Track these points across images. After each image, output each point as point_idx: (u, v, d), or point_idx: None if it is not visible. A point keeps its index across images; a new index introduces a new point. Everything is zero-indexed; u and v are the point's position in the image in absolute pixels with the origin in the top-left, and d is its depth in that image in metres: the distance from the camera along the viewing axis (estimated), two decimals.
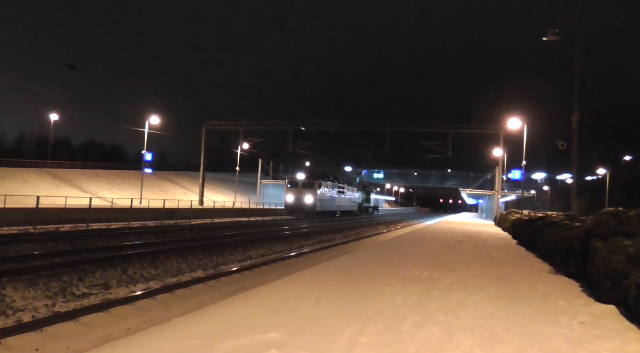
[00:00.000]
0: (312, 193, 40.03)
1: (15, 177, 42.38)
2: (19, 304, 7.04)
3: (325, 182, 42.27)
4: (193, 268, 11.36)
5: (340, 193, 47.36)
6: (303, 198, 40.01)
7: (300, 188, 40.42)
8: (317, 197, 40.11)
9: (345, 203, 49.62)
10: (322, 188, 41.07)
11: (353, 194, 53.61)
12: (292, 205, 40.46)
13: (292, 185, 41.21)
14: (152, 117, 37.58)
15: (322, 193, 41.19)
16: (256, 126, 47.41)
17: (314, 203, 39.94)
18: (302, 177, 41.88)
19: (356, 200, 55.21)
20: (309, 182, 40.74)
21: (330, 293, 6.26)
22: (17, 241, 13.53)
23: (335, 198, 45.39)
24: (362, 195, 59.51)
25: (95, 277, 9.36)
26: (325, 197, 42.20)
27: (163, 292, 8.40)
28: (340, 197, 47.65)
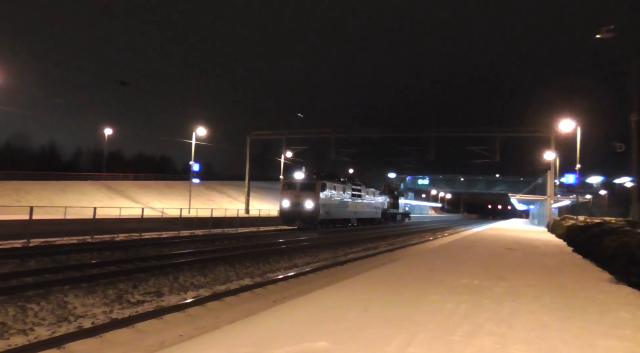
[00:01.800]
0: (313, 196, 31.69)
1: (74, 189, 44.75)
2: (80, 311, 7.39)
3: (331, 183, 34.02)
4: (241, 276, 11.55)
5: (355, 197, 39.20)
6: (302, 203, 31.61)
7: (299, 191, 32.06)
8: (319, 201, 31.72)
9: (362, 209, 41.14)
10: (326, 191, 32.75)
11: (374, 198, 44.87)
12: (288, 211, 31.98)
13: (288, 187, 33.01)
14: (199, 128, 38.78)
15: (328, 196, 32.98)
16: (299, 134, 47.87)
17: (314, 209, 31.52)
18: (301, 177, 33.12)
19: (379, 206, 46.32)
20: (309, 183, 32.37)
21: (377, 302, 6.19)
22: (76, 250, 14.24)
23: (347, 203, 37.25)
24: (388, 200, 50.58)
25: (149, 284, 9.70)
26: (333, 201, 34.04)
27: (212, 300, 8.59)
28: (356, 202, 39.37)
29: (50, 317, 6.94)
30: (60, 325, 6.58)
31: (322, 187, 32.22)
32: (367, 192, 42.63)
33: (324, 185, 32.39)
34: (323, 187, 32.31)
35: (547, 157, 40.15)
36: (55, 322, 6.70)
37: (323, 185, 32.34)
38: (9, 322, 6.52)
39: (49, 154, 77.16)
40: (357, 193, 39.66)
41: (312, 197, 31.73)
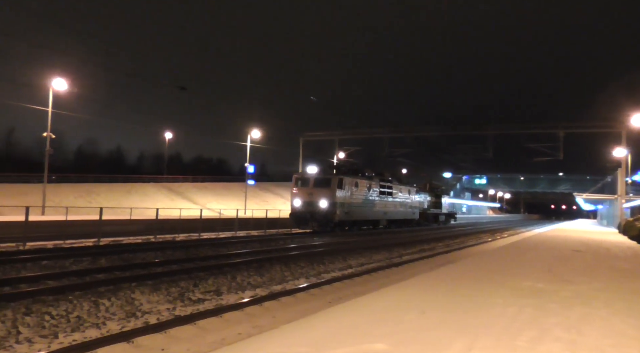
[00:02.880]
0: (328, 194, 26.83)
1: (138, 191, 47.15)
2: (146, 307, 7.76)
3: (352, 178, 29.02)
4: (296, 276, 11.68)
5: (385, 194, 33.65)
6: (316, 202, 26.79)
7: (312, 188, 27.24)
8: (336, 199, 26.85)
9: (394, 208, 35.46)
10: (346, 187, 27.93)
11: (410, 197, 39.07)
12: (300, 212, 27.26)
13: (300, 183, 28.12)
14: (254, 131, 39.68)
15: (348, 194, 28.16)
16: (351, 135, 47.82)
17: (330, 208, 26.64)
18: (314, 172, 27.98)
19: (416, 205, 40.61)
20: (323, 178, 27.48)
21: (435, 304, 6.06)
22: (141, 249, 14.97)
23: (374, 202, 31.90)
24: (429, 199, 44.97)
25: (208, 283, 10.02)
26: (354, 199, 29.05)
27: (269, 300, 8.74)
28: (385, 201, 33.86)
29: (120, 312, 7.34)
30: (128, 320, 6.94)
31: (340, 182, 27.33)
32: (400, 189, 36.86)
33: (341, 180, 27.47)
34: (341, 183, 27.40)
35: (618, 154, 37.65)
36: (124, 317, 7.08)
37: (340, 180, 27.39)
38: (84, 316, 6.95)
39: (116, 157, 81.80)
40: (387, 191, 34.19)
41: (328, 195, 26.79)
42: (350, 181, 28.53)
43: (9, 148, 71.38)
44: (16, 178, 42.93)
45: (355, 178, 29.52)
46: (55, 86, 28.29)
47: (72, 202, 34.89)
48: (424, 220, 43.41)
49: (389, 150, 45.08)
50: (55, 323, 6.52)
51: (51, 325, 6.46)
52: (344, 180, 27.83)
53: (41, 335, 6.05)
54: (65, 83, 28.59)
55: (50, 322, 6.58)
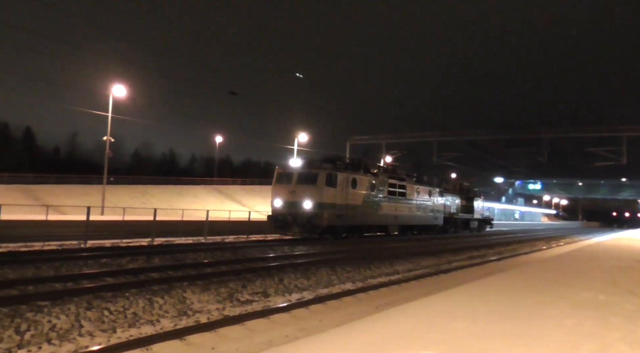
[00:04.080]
0: (314, 192, 21.32)
1: (189, 193, 48.73)
2: (197, 306, 7.99)
3: (348, 174, 23.03)
4: (342, 280, 11.67)
5: (395, 195, 27.40)
6: (299, 203, 21.40)
7: (295, 185, 21.82)
8: (324, 199, 21.33)
9: (409, 212, 29.36)
10: (339, 184, 22.22)
11: (432, 199, 32.65)
12: (280, 213, 21.88)
13: (281, 179, 22.61)
14: (301, 134, 40.07)
15: (341, 192, 22.40)
16: (398, 139, 47.35)
17: (316, 210, 21.09)
18: (298, 165, 22.62)
19: (439, 209, 33.93)
20: (309, 173, 21.83)
21: (487, 313, 5.87)
22: (192, 250, 15.44)
23: (379, 203, 25.73)
24: (458, 201, 38.39)
25: (256, 285, 10.19)
26: (352, 200, 23.12)
27: (316, 303, 8.78)
28: (398, 202, 27.69)
29: (172, 310, 7.60)
30: (180, 318, 7.18)
31: (329, 178, 21.66)
32: (417, 190, 30.52)
33: (331, 176, 21.72)
34: (330, 179, 21.72)
35: None
36: (176, 315, 7.32)
37: (330, 176, 21.67)
38: (139, 313, 7.26)
39: (169, 160, 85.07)
40: (399, 190, 28.06)
41: (313, 193, 21.23)
42: (344, 177, 22.64)
43: (72, 151, 75.86)
44: (78, 180, 45.45)
45: (352, 173, 23.48)
46: (115, 92, 29.78)
47: (128, 203, 36.55)
48: (451, 226, 36.86)
49: (438, 154, 44.23)
50: (114, 319, 6.85)
51: (110, 320, 6.79)
52: (335, 175, 22.02)
53: (101, 329, 6.36)
54: (124, 89, 30.03)
55: (109, 317, 6.91)
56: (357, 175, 23.96)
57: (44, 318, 6.55)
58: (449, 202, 36.47)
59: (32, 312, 6.73)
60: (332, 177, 21.98)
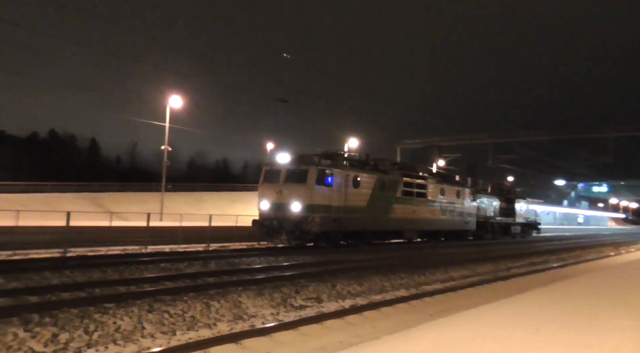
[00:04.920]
0: (303, 192, 18.22)
1: (242, 199, 49.82)
2: (251, 311, 8.14)
3: (347, 172, 19.88)
4: (395, 286, 11.51)
5: (412, 195, 23.53)
6: (286, 205, 18.40)
7: (282, 184, 18.83)
8: (315, 200, 18.19)
9: (431, 215, 25.13)
10: (335, 183, 19.03)
11: (461, 200, 28.09)
12: (267, 217, 18.94)
13: (269, 177, 19.56)
14: (350, 139, 40.04)
15: (338, 192, 19.13)
16: (451, 142, 46.22)
17: (306, 213, 18.01)
18: (286, 161, 19.31)
19: (470, 212, 29.39)
20: (298, 170, 18.83)
21: (551, 323, 5.58)
22: (246, 255, 15.77)
23: (391, 206, 22.07)
24: (495, 204, 33.89)
25: (309, 290, 10.24)
26: (353, 201, 19.82)
27: (369, 309, 8.71)
28: (416, 204, 23.73)
29: (228, 314, 7.78)
30: (236, 322, 7.33)
31: (322, 175, 18.48)
32: (441, 189, 26.20)
33: (323, 173, 18.56)
34: (323, 176, 18.52)
35: None
36: (232, 319, 7.49)
37: (322, 173, 18.52)
38: (197, 316, 7.48)
39: (222, 167, 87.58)
40: (417, 190, 23.97)
41: (302, 193, 18.15)
42: (343, 175, 19.40)
43: (133, 160, 79.79)
44: (138, 188, 47.64)
45: (353, 170, 20.26)
46: (171, 103, 31.07)
47: (184, 209, 37.91)
48: (487, 231, 32.33)
49: (493, 156, 42.78)
50: (173, 322, 7.09)
51: (170, 322, 7.04)
52: (329, 172, 18.80)
53: (162, 331, 6.61)
54: (180, 100, 31.26)
55: (169, 320, 7.17)
56: (359, 173, 20.48)
57: (110, 319, 6.89)
58: (484, 205, 32.34)
59: (99, 314, 7.10)
60: (325, 175, 18.64)
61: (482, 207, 31.90)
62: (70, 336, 6.06)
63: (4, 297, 7.77)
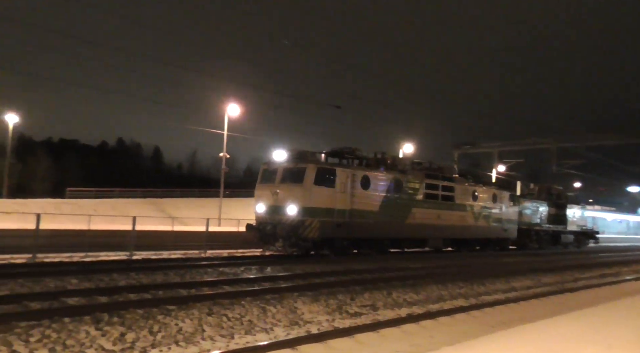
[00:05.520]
0: (299, 193, 16.17)
1: None
2: (307, 317, 8.19)
3: (353, 171, 17.58)
4: (454, 296, 11.19)
5: (437, 199, 21.16)
6: (282, 207, 16.37)
7: (279, 184, 16.80)
8: (313, 203, 16.08)
9: (460, 221, 22.36)
10: (338, 183, 16.75)
11: (498, 205, 25.06)
12: (263, 221, 16.99)
13: (267, 177, 17.59)
14: (405, 145, 39.52)
15: (343, 194, 16.89)
16: (512, 146, 44.42)
17: (302, 216, 15.91)
18: (282, 159, 17.20)
19: (510, 218, 26.03)
20: (295, 169, 16.65)
21: (624, 339, 5.21)
22: (302, 262, 15.90)
23: (409, 209, 19.74)
24: (542, 209, 30.44)
25: (364, 298, 10.16)
26: (361, 204, 17.56)
27: (426, 318, 8.52)
28: (441, 209, 21.33)
29: (285, 319, 7.87)
30: (292, 327, 7.40)
31: (321, 174, 16.31)
32: (473, 193, 23.23)
33: (323, 171, 16.41)
34: (323, 175, 16.35)
35: None
36: (288, 325, 7.57)
37: (321, 171, 16.35)
38: (254, 320, 7.63)
39: None
40: (442, 193, 21.37)
41: (298, 194, 16.10)
42: (348, 174, 17.10)
43: (193, 167, 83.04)
44: (197, 194, 49.42)
45: (360, 170, 18.05)
46: (229, 112, 32.07)
47: (241, 215, 38.87)
48: (531, 240, 28.94)
49: (558, 161, 40.68)
50: (232, 325, 7.27)
51: (228, 326, 7.22)
52: (331, 171, 16.65)
53: (221, 334, 6.79)
54: (238, 108, 32.22)
55: (228, 323, 7.35)
56: (369, 172, 18.17)
57: (172, 321, 7.16)
58: (528, 210, 29.08)
59: (162, 315, 7.40)
60: (325, 173, 16.44)
61: (526, 213, 28.75)
62: (136, 336, 6.36)
63: (78, 296, 8.29)
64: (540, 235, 30.00)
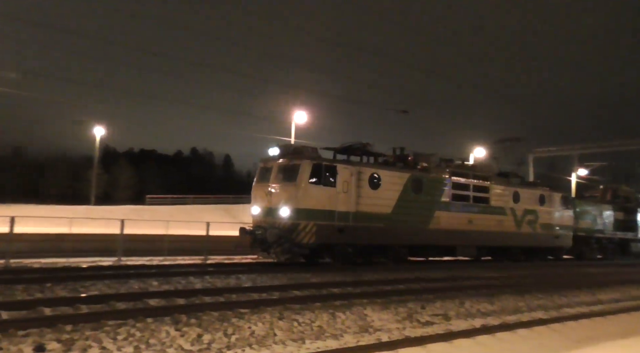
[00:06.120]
0: (292, 192, 14.41)
1: None
2: (377, 324, 8.10)
3: (358, 167, 15.59)
4: (532, 307, 10.61)
5: (467, 201, 18.82)
6: (275, 209, 14.71)
7: (272, 182, 15.09)
8: (307, 202, 14.32)
9: (498, 227, 19.80)
10: (339, 182, 14.87)
11: (547, 208, 22.08)
12: (257, 224, 15.39)
13: (262, 176, 15.93)
14: (476, 149, 38.16)
15: (345, 193, 14.94)
16: (595, 148, 41.43)
17: (295, 219, 14.22)
18: (275, 153, 15.61)
19: (562, 223, 22.91)
20: (288, 166, 14.87)
21: None
22: (371, 269, 15.78)
23: (431, 212, 17.52)
24: (605, 214, 26.93)
25: (436, 306, 9.89)
26: (370, 204, 15.59)
27: (502, 330, 8.15)
28: (472, 213, 18.88)
29: (354, 326, 7.84)
30: (362, 335, 7.35)
31: (317, 171, 14.50)
32: (513, 194, 20.57)
33: (319, 167, 14.56)
34: (320, 173, 14.54)
35: None
36: (358, 332, 7.53)
37: (317, 168, 14.51)
38: (324, 326, 7.67)
39: None
40: (473, 193, 18.92)
41: (291, 194, 14.39)
42: (352, 172, 15.19)
43: None
44: None
45: (367, 167, 15.94)
46: (296, 119, 32.67)
47: None
48: (592, 249, 25.73)
49: None
50: (302, 330, 7.35)
51: (299, 331, 7.31)
52: (330, 168, 14.78)
53: (292, 338, 6.89)
54: (305, 115, 32.73)
55: (298, 328, 7.44)
56: (380, 170, 16.05)
57: (245, 324, 7.37)
58: (588, 214, 25.63)
59: (236, 318, 7.65)
60: (323, 171, 14.58)
61: (584, 218, 25.27)
62: (212, 337, 6.62)
63: (158, 298, 8.78)
64: (602, 243, 26.53)
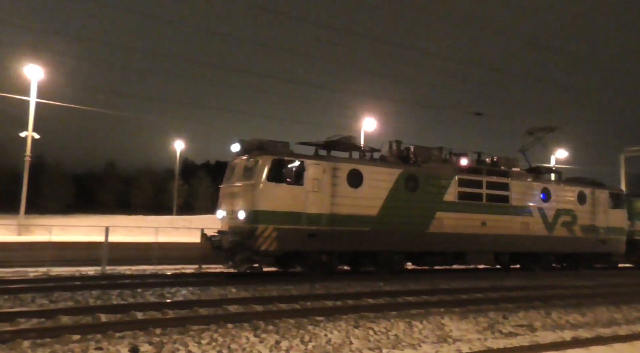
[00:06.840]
0: (249, 192, 12.58)
1: None
2: (455, 334, 7.81)
3: (332, 162, 13.52)
4: (630, 320, 9.72)
5: (480, 200, 16.29)
6: (235, 211, 12.99)
7: (234, 182, 13.54)
8: (266, 204, 12.36)
9: (523, 230, 17.03)
10: (309, 178, 12.91)
11: (588, 208, 18.99)
12: (222, 226, 13.79)
13: (227, 176, 14.33)
14: (558, 151, 35.90)
15: (316, 193, 12.96)
16: None
17: (252, 223, 12.30)
18: (237, 149, 13.76)
19: (610, 225, 19.64)
20: (247, 163, 13.11)
21: None
22: (448, 277, 15.27)
23: (432, 214, 15.15)
24: None
25: (519, 316, 9.38)
26: (349, 205, 13.48)
27: (597, 344, 7.53)
28: (486, 214, 16.26)
29: (432, 336, 7.61)
30: (441, 345, 7.11)
31: (279, 168, 12.76)
32: (543, 190, 17.85)
33: (280, 163, 12.77)
34: (281, 170, 12.82)
35: None
36: (436, 341, 7.30)
37: (278, 164, 12.72)
38: (400, 335, 7.52)
39: None
40: (486, 191, 16.44)
41: (247, 196, 12.71)
42: (323, 167, 13.24)
43: None
44: None
45: (345, 162, 13.89)
46: (365, 126, 32.63)
47: None
48: None
49: None
50: (378, 339, 7.26)
51: (375, 340, 7.22)
52: (294, 163, 13.02)
53: (368, 347, 6.81)
54: (374, 122, 32.61)
55: (374, 337, 7.36)
56: (362, 165, 14.00)
57: (321, 331, 7.41)
58: None
59: (312, 325, 7.72)
60: (287, 167, 12.90)
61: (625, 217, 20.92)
62: (289, 344, 6.71)
63: (237, 304, 9.08)
64: None
